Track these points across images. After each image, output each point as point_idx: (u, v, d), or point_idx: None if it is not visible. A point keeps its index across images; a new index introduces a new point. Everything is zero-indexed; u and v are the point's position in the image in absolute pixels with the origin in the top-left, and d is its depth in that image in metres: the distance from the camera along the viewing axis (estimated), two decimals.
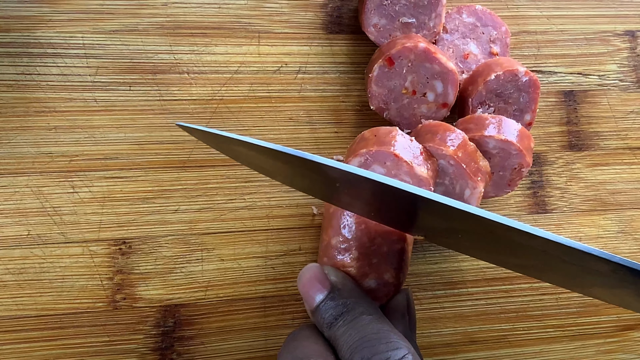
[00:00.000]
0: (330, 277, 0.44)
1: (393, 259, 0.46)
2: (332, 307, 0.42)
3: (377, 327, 0.40)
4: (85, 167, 0.49)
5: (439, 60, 0.49)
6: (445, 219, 0.40)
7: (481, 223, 0.37)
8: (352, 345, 0.39)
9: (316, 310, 0.43)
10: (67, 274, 0.48)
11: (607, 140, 0.57)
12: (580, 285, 0.44)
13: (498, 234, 0.38)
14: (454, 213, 0.37)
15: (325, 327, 0.42)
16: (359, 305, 0.42)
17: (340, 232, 0.46)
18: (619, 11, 0.59)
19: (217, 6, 0.52)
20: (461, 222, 0.39)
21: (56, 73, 0.49)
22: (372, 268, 0.46)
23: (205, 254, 0.50)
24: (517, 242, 0.38)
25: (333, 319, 0.42)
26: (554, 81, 0.57)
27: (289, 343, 0.43)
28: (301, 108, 0.53)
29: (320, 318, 0.43)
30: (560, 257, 0.37)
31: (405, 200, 0.38)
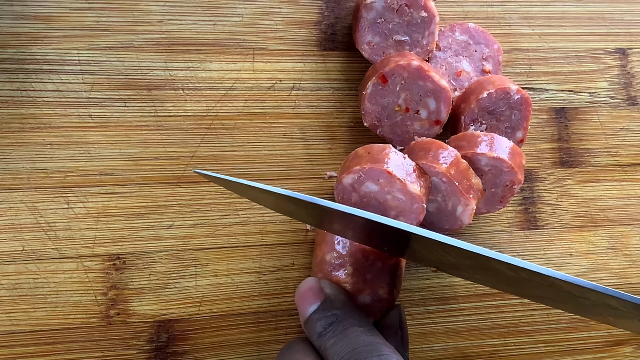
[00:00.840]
0: (325, 290, 0.46)
1: (387, 275, 0.49)
2: (323, 317, 0.45)
3: (368, 339, 0.42)
4: (80, 183, 0.51)
5: (432, 78, 0.52)
6: (434, 250, 0.42)
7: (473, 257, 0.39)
8: (343, 356, 0.41)
9: (308, 321, 0.45)
10: (61, 290, 0.50)
11: (598, 157, 0.60)
12: (596, 314, 0.46)
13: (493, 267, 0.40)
14: (439, 247, 0.40)
15: (316, 337, 0.44)
16: (349, 317, 0.45)
17: (334, 247, 0.49)
18: (610, 29, 0.61)
19: (212, 23, 0.54)
20: (453, 256, 0.42)
21: (52, 89, 0.51)
22: (367, 284, 0.48)
23: (199, 269, 0.52)
24: (517, 276, 0.40)
25: (323, 329, 0.44)
26: (545, 98, 0.60)
27: (282, 355, 0.45)
28: (295, 124, 0.55)
29: (311, 328, 0.45)
30: (569, 292, 0.39)
31: (396, 235, 0.41)
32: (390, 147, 0.49)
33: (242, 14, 0.54)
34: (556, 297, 0.43)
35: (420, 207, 0.49)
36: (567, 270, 0.58)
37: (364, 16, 0.53)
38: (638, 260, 0.60)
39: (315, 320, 0.45)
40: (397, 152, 0.49)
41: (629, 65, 0.61)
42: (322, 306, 0.45)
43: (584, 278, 0.58)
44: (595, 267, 0.59)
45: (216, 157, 0.53)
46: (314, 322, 0.45)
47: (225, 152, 0.53)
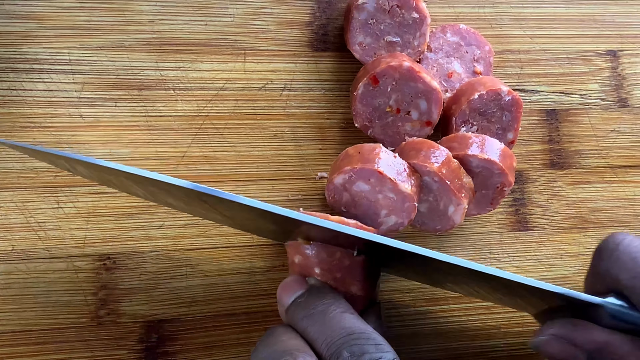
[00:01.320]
0: (310, 282, 0.47)
1: (357, 272, 0.49)
2: (309, 299, 0.45)
3: (363, 326, 0.42)
4: (70, 183, 0.52)
5: (423, 79, 0.53)
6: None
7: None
8: (337, 339, 0.40)
9: (292, 305, 0.45)
10: (52, 290, 0.51)
11: (588, 159, 0.61)
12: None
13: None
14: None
15: (299, 319, 0.43)
16: (336, 301, 0.45)
17: (299, 250, 0.49)
18: (601, 31, 0.63)
19: (203, 23, 0.55)
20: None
21: (42, 89, 0.52)
22: (338, 283, 0.49)
23: (189, 269, 0.54)
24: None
25: (309, 311, 0.43)
26: (536, 100, 0.61)
27: (265, 339, 0.43)
28: (286, 125, 0.56)
29: (294, 312, 0.44)
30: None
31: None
32: (381, 146, 0.50)
33: (233, 14, 0.55)
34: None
35: (411, 205, 0.50)
36: (557, 271, 0.59)
37: (355, 17, 0.54)
38: None
39: (300, 304, 0.44)
40: (387, 152, 0.50)
41: (620, 67, 0.63)
42: (307, 292, 0.45)
43: (575, 279, 0.60)
44: (585, 269, 0.60)
45: (207, 158, 0.54)
46: (299, 305, 0.44)
47: (216, 153, 0.54)
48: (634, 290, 0.44)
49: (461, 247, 0.58)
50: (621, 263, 0.45)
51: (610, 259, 0.46)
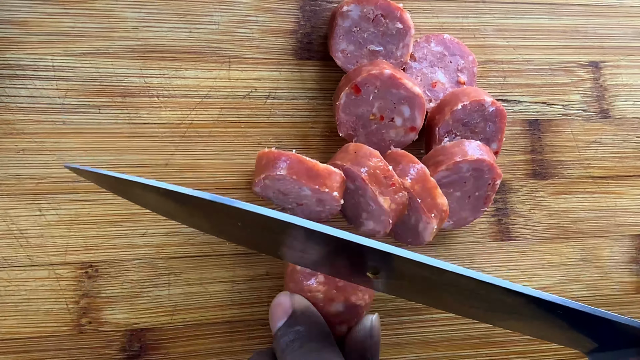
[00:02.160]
0: (294, 305, 0.50)
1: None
2: (286, 333, 0.48)
3: (327, 357, 0.46)
4: (52, 190, 0.54)
5: (404, 85, 0.55)
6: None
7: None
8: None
9: (275, 336, 0.48)
10: (33, 297, 0.53)
11: (570, 169, 0.64)
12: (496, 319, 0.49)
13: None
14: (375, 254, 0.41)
15: (280, 353, 0.47)
16: (312, 334, 0.48)
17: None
18: (583, 42, 0.66)
19: (188, 30, 0.57)
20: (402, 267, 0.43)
21: (25, 95, 0.54)
22: (339, 291, 0.52)
23: (172, 278, 0.55)
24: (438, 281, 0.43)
25: (285, 346, 0.47)
26: (519, 110, 0.64)
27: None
28: (270, 133, 0.58)
29: (276, 344, 0.48)
30: (474, 292, 0.42)
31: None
32: (378, 155, 0.53)
33: (218, 21, 0.58)
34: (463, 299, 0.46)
35: (386, 220, 0.53)
36: (539, 282, 0.62)
37: (339, 24, 0.57)
38: (609, 272, 0.64)
39: (279, 337, 0.48)
40: (382, 160, 0.52)
41: (602, 79, 0.66)
42: (287, 322, 0.48)
43: (556, 289, 0.62)
44: (567, 279, 0.63)
45: (191, 166, 0.56)
46: (279, 338, 0.48)
47: (200, 160, 0.56)
48: None
49: (444, 256, 0.61)
50: None
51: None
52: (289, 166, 0.51)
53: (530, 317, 0.44)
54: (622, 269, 0.64)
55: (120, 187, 0.45)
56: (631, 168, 0.65)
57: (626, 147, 0.65)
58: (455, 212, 0.58)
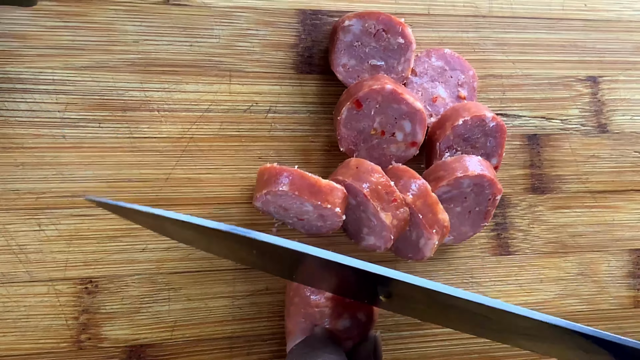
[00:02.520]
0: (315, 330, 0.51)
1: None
2: (300, 347, 0.49)
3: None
4: (52, 205, 0.54)
5: (406, 100, 0.56)
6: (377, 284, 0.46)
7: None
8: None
9: (293, 348, 0.50)
10: (32, 314, 0.53)
11: (569, 184, 0.65)
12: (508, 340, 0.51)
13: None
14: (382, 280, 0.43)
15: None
16: (323, 352, 0.49)
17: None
18: (582, 57, 0.67)
19: (188, 44, 0.58)
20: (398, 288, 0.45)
21: (25, 109, 0.54)
22: (346, 307, 0.53)
23: (172, 293, 0.56)
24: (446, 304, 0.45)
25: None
26: (518, 124, 0.65)
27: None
28: (271, 147, 0.59)
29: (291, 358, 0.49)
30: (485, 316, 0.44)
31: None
32: (380, 170, 0.53)
33: (219, 35, 0.58)
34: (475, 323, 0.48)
35: (387, 236, 0.54)
36: (538, 296, 0.63)
37: (340, 38, 0.57)
38: (607, 286, 0.65)
39: (292, 352, 0.49)
40: (384, 176, 0.53)
41: (600, 93, 0.67)
42: (308, 339, 0.49)
43: (554, 304, 0.63)
44: (565, 294, 0.64)
45: (191, 180, 0.57)
46: (291, 354, 0.50)
47: (201, 175, 0.57)
48: None
49: (444, 271, 0.62)
50: None
51: None
52: (291, 182, 0.52)
53: (542, 339, 0.45)
54: (619, 284, 0.65)
55: (140, 218, 0.46)
56: (629, 183, 0.67)
57: (624, 162, 0.66)
58: (456, 227, 0.59)
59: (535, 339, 0.46)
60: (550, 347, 0.47)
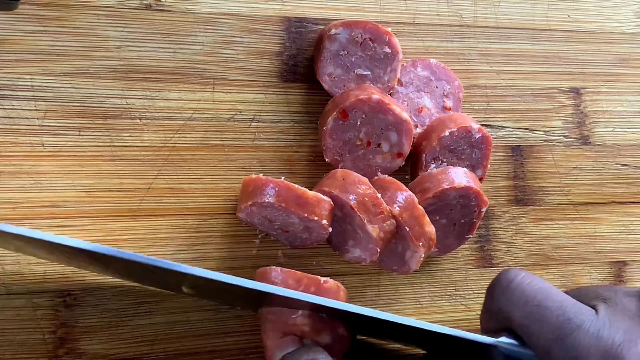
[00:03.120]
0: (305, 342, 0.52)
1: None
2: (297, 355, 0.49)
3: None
4: (30, 215, 0.53)
5: (392, 111, 0.56)
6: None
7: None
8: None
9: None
10: (7, 328, 0.52)
11: (552, 196, 0.67)
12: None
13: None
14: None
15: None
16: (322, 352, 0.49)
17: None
18: (565, 68, 0.68)
19: (172, 51, 0.57)
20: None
21: (2, 116, 0.53)
22: (325, 323, 0.53)
23: (153, 306, 0.56)
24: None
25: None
26: (502, 136, 0.66)
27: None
28: (254, 157, 0.59)
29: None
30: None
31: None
32: (367, 181, 0.54)
33: (202, 42, 0.58)
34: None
35: (374, 248, 0.54)
36: None
37: (326, 47, 0.58)
38: None
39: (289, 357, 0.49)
40: (370, 188, 0.53)
41: (582, 105, 0.68)
42: (299, 350, 0.50)
43: None
44: None
45: (173, 190, 0.56)
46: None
47: (183, 185, 0.57)
48: (526, 329, 0.48)
49: (427, 283, 0.62)
50: (513, 302, 0.49)
51: (502, 297, 0.49)
52: (277, 193, 0.52)
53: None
54: None
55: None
56: (610, 195, 0.68)
57: (606, 174, 0.68)
58: (440, 240, 0.59)
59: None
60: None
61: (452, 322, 0.63)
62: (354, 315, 0.48)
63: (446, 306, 0.62)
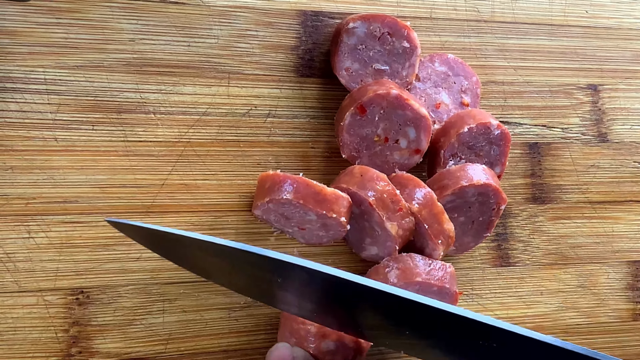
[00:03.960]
0: (294, 352, 0.50)
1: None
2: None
3: None
4: (42, 211, 0.53)
5: (411, 106, 0.56)
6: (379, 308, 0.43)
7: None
8: None
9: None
10: (20, 326, 0.52)
11: (569, 194, 0.66)
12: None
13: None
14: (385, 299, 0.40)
15: None
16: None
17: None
18: (582, 64, 0.68)
19: (186, 44, 0.57)
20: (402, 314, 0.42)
21: (15, 109, 0.53)
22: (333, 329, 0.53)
23: (167, 304, 0.55)
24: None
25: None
26: (519, 132, 0.66)
27: None
28: (270, 153, 0.58)
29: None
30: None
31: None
32: (385, 178, 0.54)
33: (217, 35, 0.58)
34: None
35: (392, 246, 0.54)
36: (538, 308, 0.64)
37: (344, 41, 0.57)
38: (606, 299, 0.66)
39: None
40: (389, 184, 0.53)
41: (600, 102, 0.68)
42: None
43: (554, 317, 0.64)
44: (564, 306, 0.65)
45: (187, 186, 0.56)
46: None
47: (197, 181, 0.56)
48: None
49: None
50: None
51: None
52: (295, 190, 0.52)
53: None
54: (618, 296, 0.66)
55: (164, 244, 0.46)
56: (628, 193, 0.68)
57: (623, 172, 0.68)
58: (458, 238, 0.59)
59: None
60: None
61: None
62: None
63: (463, 306, 0.62)
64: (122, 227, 0.46)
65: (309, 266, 0.40)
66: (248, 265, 0.43)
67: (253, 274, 0.45)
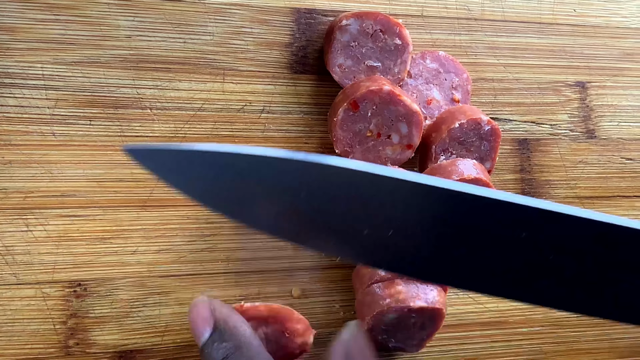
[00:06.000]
0: (214, 314, 0.49)
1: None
2: (215, 349, 0.47)
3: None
4: (40, 205, 0.54)
5: (403, 102, 0.58)
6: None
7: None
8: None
9: (201, 352, 0.48)
10: (18, 318, 0.53)
11: (558, 189, 0.68)
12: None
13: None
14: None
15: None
16: (241, 348, 0.47)
17: None
18: (571, 62, 0.70)
19: (182, 41, 0.58)
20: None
21: (13, 104, 0.54)
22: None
23: (163, 297, 0.56)
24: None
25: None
26: (509, 129, 0.67)
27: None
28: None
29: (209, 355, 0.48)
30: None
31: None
32: None
33: (213, 32, 0.59)
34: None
35: None
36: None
37: (337, 38, 0.59)
38: None
39: (208, 354, 0.48)
40: None
41: (588, 99, 0.70)
42: (211, 337, 0.48)
43: (543, 310, 0.66)
44: None
45: None
46: (207, 355, 0.48)
47: None
48: None
49: None
50: None
51: None
52: None
53: None
54: None
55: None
56: (615, 189, 0.70)
57: (611, 168, 0.70)
58: None
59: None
60: None
61: (458, 314, 0.64)
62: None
63: (453, 299, 0.64)
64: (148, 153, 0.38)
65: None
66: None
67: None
